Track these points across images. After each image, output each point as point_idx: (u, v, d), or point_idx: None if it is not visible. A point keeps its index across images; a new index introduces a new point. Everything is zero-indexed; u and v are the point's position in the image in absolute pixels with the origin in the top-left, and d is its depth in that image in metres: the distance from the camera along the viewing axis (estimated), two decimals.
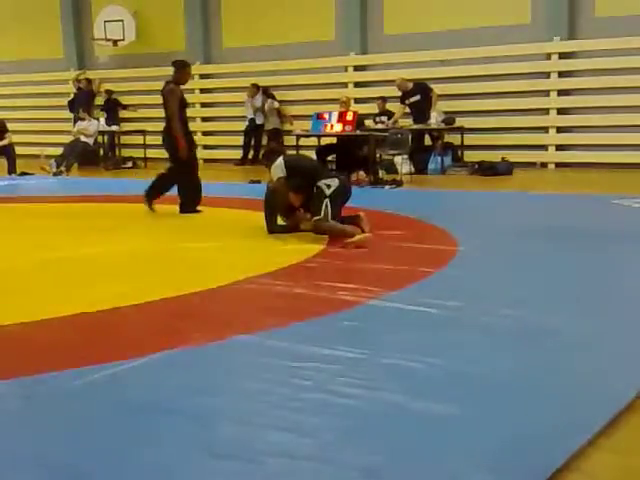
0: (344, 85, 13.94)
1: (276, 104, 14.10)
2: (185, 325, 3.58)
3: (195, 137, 15.41)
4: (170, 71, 7.79)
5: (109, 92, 15.78)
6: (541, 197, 8.60)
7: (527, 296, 3.97)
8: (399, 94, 12.56)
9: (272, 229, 6.13)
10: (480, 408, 2.51)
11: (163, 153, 7.94)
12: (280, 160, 6.18)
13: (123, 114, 15.75)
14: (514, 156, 11.91)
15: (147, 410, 2.54)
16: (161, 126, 7.71)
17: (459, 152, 12.49)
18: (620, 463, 2.16)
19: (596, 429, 2.32)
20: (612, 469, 2.13)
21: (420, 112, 11.96)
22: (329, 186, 5.96)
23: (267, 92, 14.19)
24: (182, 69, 7.75)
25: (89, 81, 16.01)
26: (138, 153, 14.82)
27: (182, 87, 7.71)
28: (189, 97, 15.43)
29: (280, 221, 6.26)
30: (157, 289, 4.23)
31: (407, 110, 12.21)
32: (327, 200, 5.88)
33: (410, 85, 12.14)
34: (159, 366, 2.98)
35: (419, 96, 11.99)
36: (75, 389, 2.72)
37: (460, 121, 12.27)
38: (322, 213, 5.83)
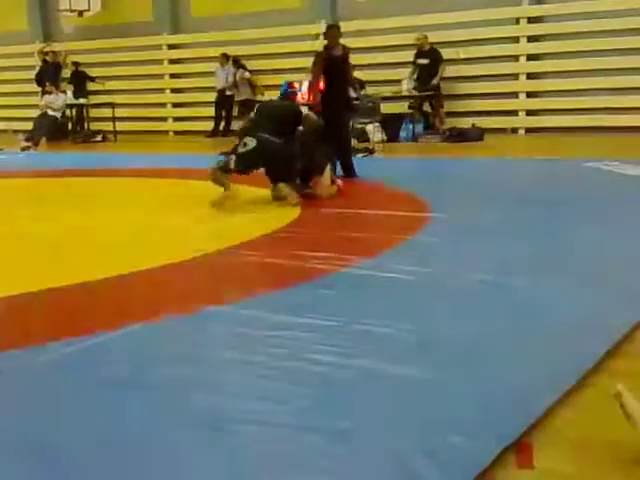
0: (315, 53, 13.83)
1: (247, 74, 13.97)
2: (157, 298, 3.59)
3: (164, 109, 15.50)
4: (137, 42, 7.69)
5: (76, 64, 15.52)
6: (512, 162, 8.65)
7: (498, 261, 4.01)
8: (371, 62, 12.51)
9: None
10: (452, 372, 2.55)
11: (133, 126, 7.89)
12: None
13: (91, 86, 15.51)
14: (485, 122, 11.95)
15: (119, 382, 2.54)
16: (129, 98, 7.63)
17: (431, 119, 12.51)
18: (588, 421, 2.22)
19: (565, 389, 2.37)
20: (580, 427, 2.18)
21: (426, 76, 11.94)
22: (245, 144, 6.11)
23: (237, 62, 14.03)
24: (325, 32, 7.92)
25: (55, 53, 15.72)
26: (107, 126, 14.63)
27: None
28: (157, 68, 15.42)
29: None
30: (128, 262, 4.20)
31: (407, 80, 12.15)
32: (234, 156, 6.08)
33: (427, 47, 12.09)
34: (132, 339, 2.98)
35: (428, 60, 11.97)
36: (47, 363, 2.72)
37: None
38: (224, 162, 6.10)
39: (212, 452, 2.07)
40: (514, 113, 12.43)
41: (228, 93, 14.18)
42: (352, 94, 8.09)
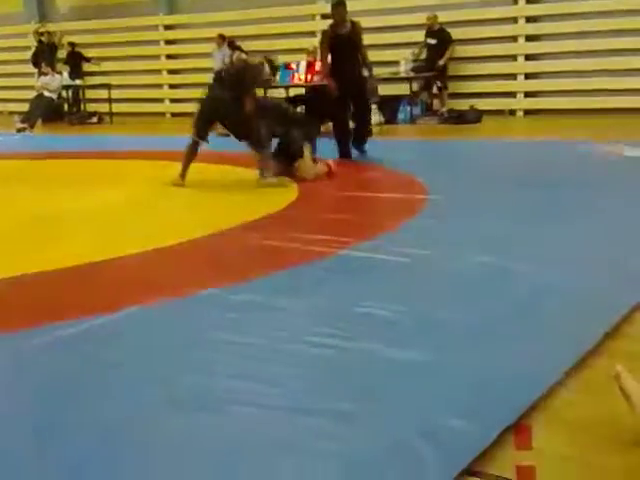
0: (312, 34, 13.74)
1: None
2: (154, 281, 3.57)
3: (161, 90, 15.41)
4: (133, 22, 7.63)
5: (72, 45, 15.40)
6: (511, 144, 8.63)
7: (497, 243, 4.00)
8: (367, 42, 12.41)
9: None
10: (451, 354, 2.55)
11: (129, 107, 7.83)
12: None
13: (87, 68, 15.40)
14: (483, 104, 11.90)
15: (113, 365, 2.54)
16: (126, 79, 7.57)
17: (429, 101, 12.45)
18: (587, 402, 2.22)
19: (564, 370, 2.37)
20: (579, 409, 2.18)
21: (434, 56, 11.84)
22: None
23: (233, 45, 13.90)
24: (332, 9, 7.60)
25: (50, 34, 15.60)
26: (103, 108, 14.54)
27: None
28: (153, 49, 15.30)
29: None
30: (126, 244, 4.20)
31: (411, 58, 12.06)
32: None
33: (437, 27, 11.98)
34: (127, 322, 2.97)
35: (436, 41, 11.88)
36: (44, 346, 2.71)
37: None
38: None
39: (208, 434, 2.06)
40: (512, 95, 12.37)
41: None
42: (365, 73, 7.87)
